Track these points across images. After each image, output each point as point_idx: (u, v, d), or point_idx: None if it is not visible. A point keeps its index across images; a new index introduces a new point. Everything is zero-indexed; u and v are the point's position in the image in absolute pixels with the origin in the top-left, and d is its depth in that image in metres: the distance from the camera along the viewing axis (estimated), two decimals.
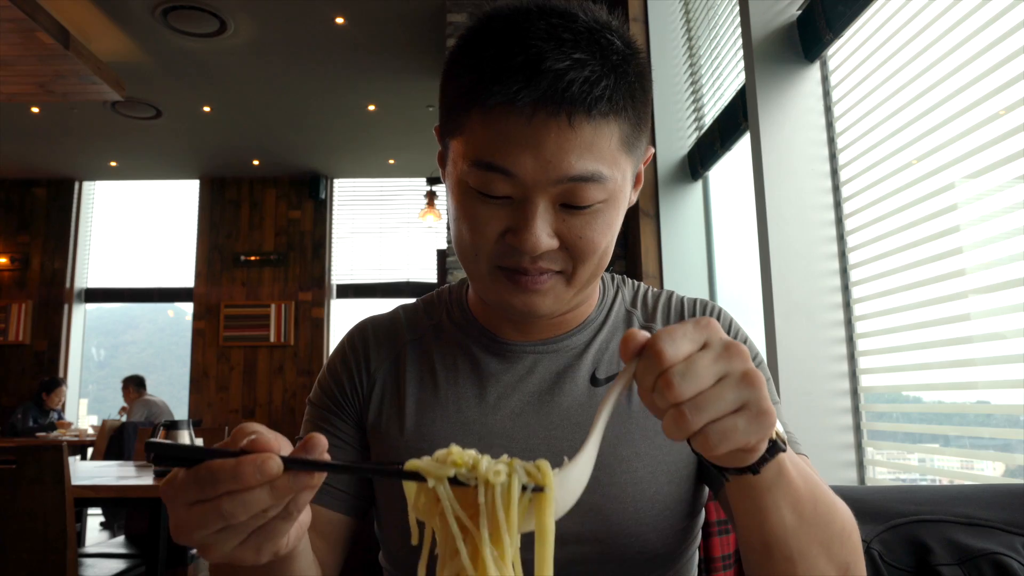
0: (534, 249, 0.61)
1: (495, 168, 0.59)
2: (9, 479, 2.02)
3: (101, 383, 14.28)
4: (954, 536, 0.86)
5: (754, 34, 1.92)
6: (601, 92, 0.58)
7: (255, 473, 0.43)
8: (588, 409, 0.72)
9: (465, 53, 0.62)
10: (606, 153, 0.60)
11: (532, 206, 0.61)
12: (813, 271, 1.79)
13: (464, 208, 0.64)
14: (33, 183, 7.42)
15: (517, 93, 0.57)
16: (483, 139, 0.60)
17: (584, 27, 0.60)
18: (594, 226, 0.63)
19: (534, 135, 0.58)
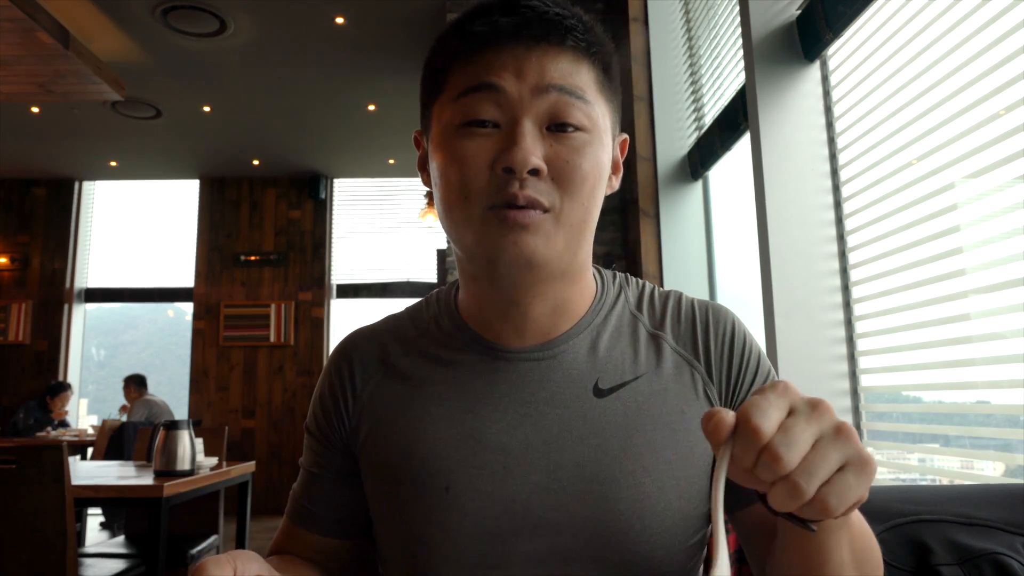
0: (524, 162, 0.60)
1: (481, 87, 0.62)
2: (9, 479, 2.02)
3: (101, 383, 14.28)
4: (954, 536, 0.86)
5: (754, 34, 1.92)
6: (574, 24, 0.63)
7: None
8: (591, 422, 0.67)
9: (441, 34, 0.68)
10: (585, 83, 0.63)
11: (519, 125, 0.61)
12: (813, 271, 1.79)
13: (452, 152, 0.64)
14: (33, 183, 7.42)
15: (497, 24, 0.62)
16: (467, 73, 0.63)
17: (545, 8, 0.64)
18: (581, 153, 0.63)
19: (517, 54, 0.62)
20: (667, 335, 0.72)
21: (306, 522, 0.78)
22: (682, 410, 0.68)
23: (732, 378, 0.71)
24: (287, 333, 7.12)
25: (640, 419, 0.68)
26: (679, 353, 0.71)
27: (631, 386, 0.69)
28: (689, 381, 0.70)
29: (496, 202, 0.62)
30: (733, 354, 0.72)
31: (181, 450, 2.58)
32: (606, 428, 0.67)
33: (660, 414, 0.68)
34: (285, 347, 7.11)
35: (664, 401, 0.68)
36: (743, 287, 2.64)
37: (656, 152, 3.07)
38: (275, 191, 7.45)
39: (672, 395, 0.69)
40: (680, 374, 0.70)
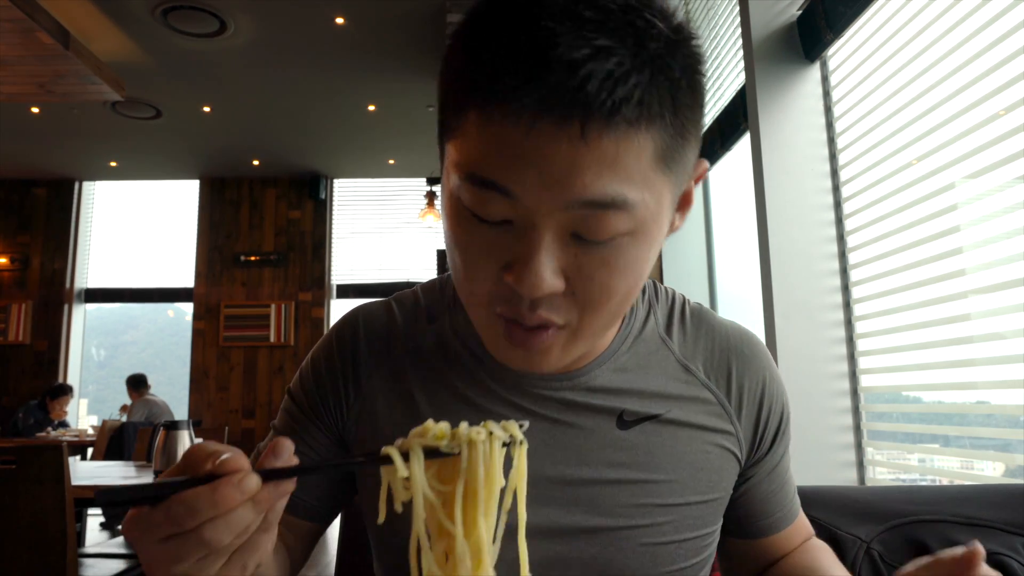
0: (533, 290, 0.49)
1: (490, 185, 0.47)
2: (9, 479, 2.02)
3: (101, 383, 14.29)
4: (954, 536, 0.86)
5: (754, 34, 1.92)
6: (628, 92, 0.45)
7: (236, 493, 0.42)
8: (612, 455, 0.62)
9: (464, 35, 0.50)
10: (634, 172, 0.47)
11: (536, 235, 0.48)
12: (813, 271, 1.79)
13: (457, 233, 0.52)
14: (33, 183, 7.42)
15: (516, 91, 0.45)
16: (477, 147, 0.48)
17: (616, 3, 0.46)
18: (612, 266, 0.50)
19: (537, 147, 0.45)
20: (698, 366, 0.67)
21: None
22: (707, 449, 0.65)
23: (760, 425, 0.68)
24: (287, 333, 7.12)
25: (663, 456, 0.63)
26: (709, 388, 0.67)
27: (657, 420, 0.64)
28: (717, 418, 0.66)
29: (503, 312, 0.53)
30: (764, 400, 0.68)
31: (181, 450, 2.58)
32: (627, 463, 0.63)
33: (685, 452, 0.64)
34: (285, 347, 7.11)
35: (690, 439, 0.64)
36: (743, 287, 2.64)
37: None
38: (275, 191, 7.45)
39: (698, 432, 0.65)
40: (709, 410, 0.66)
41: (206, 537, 0.42)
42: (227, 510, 0.42)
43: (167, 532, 0.42)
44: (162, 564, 0.43)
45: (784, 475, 0.73)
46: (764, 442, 0.68)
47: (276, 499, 0.43)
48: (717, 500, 0.65)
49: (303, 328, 7.16)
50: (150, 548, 0.43)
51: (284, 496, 0.44)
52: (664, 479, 0.63)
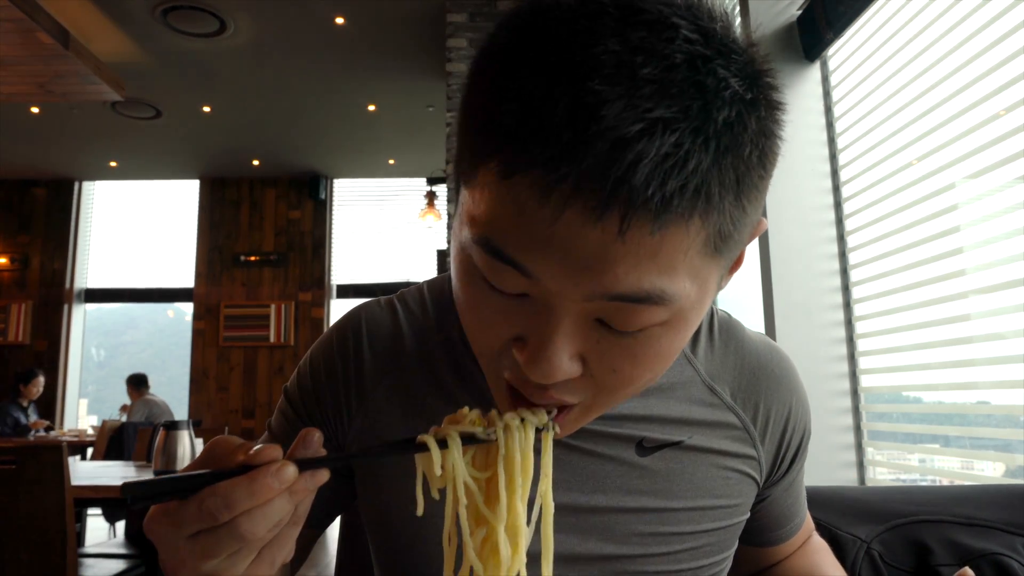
0: (545, 378, 0.43)
1: (507, 260, 0.41)
2: (9, 479, 2.02)
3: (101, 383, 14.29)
4: (954, 536, 0.86)
5: (754, 34, 1.91)
6: (683, 181, 0.36)
7: (275, 483, 0.40)
8: (629, 480, 0.59)
9: (494, 69, 0.41)
10: (678, 264, 0.39)
11: (554, 317, 0.42)
12: (813, 271, 1.79)
13: (466, 291, 0.46)
14: (33, 183, 7.42)
15: (547, 164, 0.37)
16: (495, 212, 0.40)
17: (683, 52, 0.37)
18: (639, 357, 0.44)
19: (565, 234, 0.38)
20: (725, 388, 0.63)
21: None
22: (727, 476, 0.62)
23: (783, 448, 0.66)
24: (287, 333, 7.12)
25: (683, 484, 0.60)
26: (735, 411, 0.63)
27: (678, 447, 0.61)
28: (740, 443, 0.63)
29: (510, 379, 0.48)
30: (788, 423, 0.66)
31: (181, 450, 2.58)
32: (645, 491, 0.60)
33: (705, 479, 0.61)
34: (285, 347, 7.11)
35: (711, 465, 0.61)
36: (743, 287, 2.64)
37: None
38: (275, 191, 7.45)
39: (720, 458, 0.62)
40: (732, 435, 0.63)
41: (241, 530, 0.40)
42: (265, 500, 0.40)
43: (199, 526, 0.40)
44: (189, 561, 0.41)
45: (799, 490, 0.72)
46: (784, 464, 0.67)
47: (311, 490, 0.42)
48: (734, 525, 0.64)
49: (303, 328, 7.16)
50: (178, 545, 0.41)
51: (317, 487, 0.43)
52: (683, 507, 0.60)
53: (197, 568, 0.41)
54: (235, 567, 0.42)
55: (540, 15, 0.41)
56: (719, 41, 0.39)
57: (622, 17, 0.38)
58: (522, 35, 0.41)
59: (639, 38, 0.37)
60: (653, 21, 0.38)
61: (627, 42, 0.37)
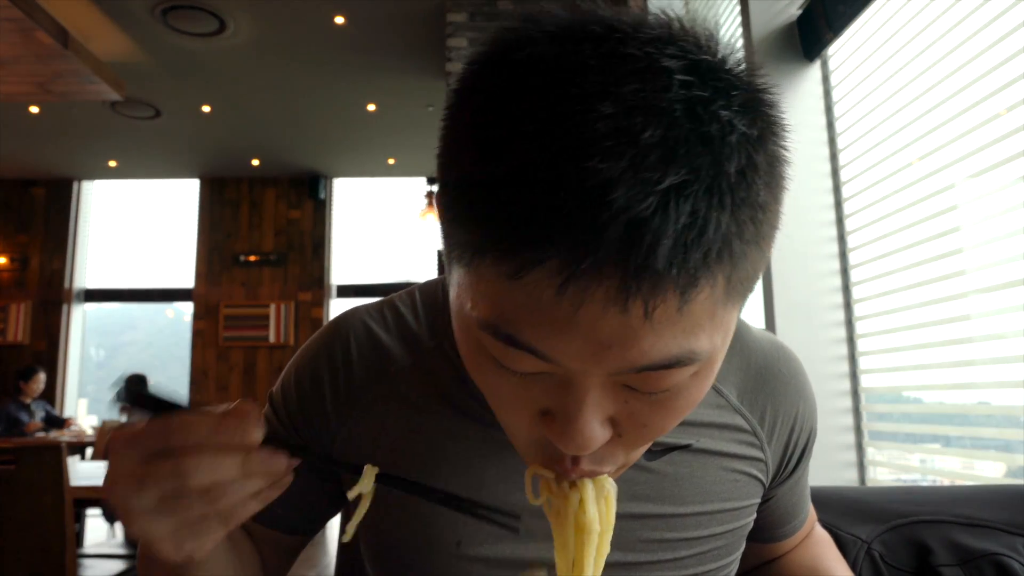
0: (580, 449, 0.41)
1: (521, 347, 0.38)
2: (9, 479, 2.02)
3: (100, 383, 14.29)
4: (955, 537, 0.86)
5: (754, 33, 1.91)
6: (706, 249, 0.34)
7: (236, 434, 0.41)
8: (635, 485, 0.58)
9: (476, 134, 0.37)
10: (703, 321, 0.38)
11: (579, 391, 0.39)
12: (813, 271, 1.79)
13: (478, 368, 0.43)
14: (32, 183, 7.42)
15: (560, 262, 0.34)
16: (500, 300, 0.37)
17: (681, 101, 0.34)
18: (669, 409, 0.42)
19: (586, 324, 0.36)
20: (731, 389, 0.62)
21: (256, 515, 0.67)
22: (735, 479, 0.61)
23: (789, 449, 0.65)
24: (287, 333, 7.12)
25: (690, 488, 0.59)
26: (742, 414, 0.62)
27: (686, 450, 0.59)
28: (747, 446, 0.62)
29: (544, 462, 0.46)
30: (796, 424, 0.65)
31: None
32: (652, 496, 0.58)
33: (713, 483, 0.60)
34: (285, 347, 7.11)
35: (719, 469, 0.60)
36: None
37: None
38: (275, 191, 7.45)
39: (727, 461, 0.61)
40: (740, 438, 0.62)
41: (184, 465, 0.40)
42: (219, 445, 0.41)
43: (153, 447, 0.41)
44: (127, 485, 0.41)
45: (804, 487, 0.71)
46: (789, 465, 0.66)
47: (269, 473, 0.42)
48: (741, 528, 0.63)
49: (303, 328, 7.16)
50: (126, 463, 0.42)
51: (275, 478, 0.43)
52: (690, 512, 0.59)
53: (129, 498, 0.41)
54: (158, 522, 0.41)
55: (517, 74, 0.37)
56: (714, 75, 0.36)
57: (607, 68, 0.35)
58: (503, 102, 0.36)
59: (632, 93, 0.34)
60: (643, 69, 0.35)
61: (621, 101, 0.33)
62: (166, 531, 0.42)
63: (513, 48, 0.38)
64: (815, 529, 0.77)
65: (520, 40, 0.38)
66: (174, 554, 0.42)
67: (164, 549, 0.42)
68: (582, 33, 0.36)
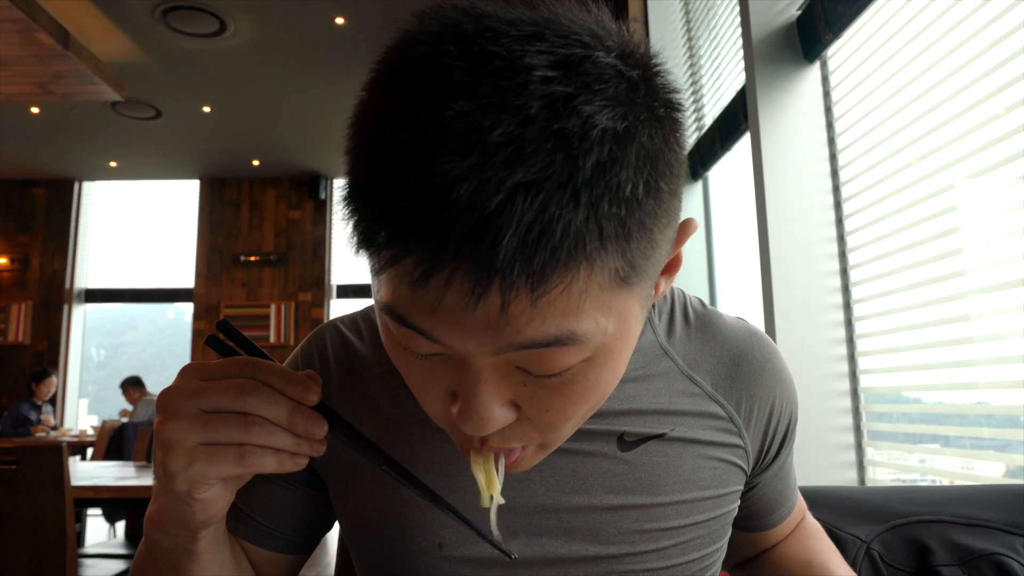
0: (479, 430, 0.42)
1: (411, 327, 0.40)
2: (9, 479, 2.02)
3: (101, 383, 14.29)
4: (954, 536, 0.86)
5: (754, 34, 1.92)
6: (557, 243, 0.34)
7: (298, 386, 0.45)
8: (612, 478, 0.58)
9: (354, 141, 0.40)
10: (581, 305, 0.38)
11: (473, 373, 0.40)
12: (813, 271, 1.79)
13: (392, 353, 0.45)
14: (32, 183, 7.42)
15: (416, 259, 0.36)
16: (388, 287, 0.40)
17: (540, 98, 0.34)
18: (569, 395, 0.42)
19: (453, 312, 0.37)
20: (705, 377, 0.62)
21: (250, 534, 0.64)
22: (714, 466, 0.61)
23: (769, 435, 0.65)
24: (287, 333, 7.12)
25: (668, 477, 0.59)
26: (717, 401, 0.62)
27: (661, 439, 0.59)
28: (725, 433, 0.62)
29: (458, 440, 0.48)
30: (774, 409, 0.64)
31: None
32: (630, 487, 0.58)
33: (691, 471, 0.60)
34: (285, 347, 7.11)
35: (696, 456, 0.60)
36: (743, 287, 2.64)
37: None
38: (275, 191, 7.45)
39: (705, 448, 0.60)
40: (716, 425, 0.61)
41: (245, 388, 0.44)
42: (282, 389, 0.45)
43: (227, 371, 0.45)
44: (183, 392, 0.44)
45: (788, 473, 0.71)
46: (771, 451, 0.66)
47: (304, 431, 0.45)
48: (724, 515, 0.63)
49: (303, 328, 7.17)
50: (192, 376, 0.46)
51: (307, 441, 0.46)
52: (669, 501, 0.59)
53: (182, 437, 0.44)
54: (196, 425, 0.44)
55: (392, 79, 0.38)
56: (583, 69, 0.35)
57: (472, 68, 0.35)
58: (375, 107, 0.39)
59: (489, 91, 0.34)
60: (503, 68, 0.35)
61: (476, 100, 0.34)
62: (189, 442, 0.44)
63: (395, 50, 0.40)
64: (806, 519, 0.77)
65: (403, 41, 0.40)
66: (178, 474, 0.44)
67: (173, 463, 0.44)
68: (454, 33, 0.37)
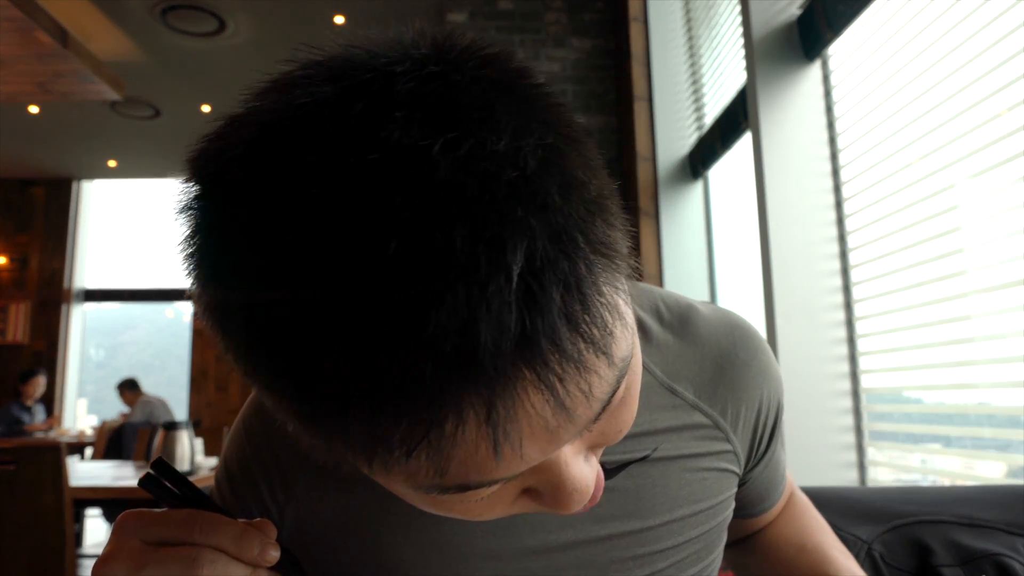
0: (583, 503, 0.39)
1: (483, 485, 0.35)
2: (8, 480, 2.02)
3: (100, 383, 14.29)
4: (955, 537, 0.86)
5: (755, 33, 1.91)
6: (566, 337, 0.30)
7: (255, 546, 0.42)
8: (596, 507, 0.54)
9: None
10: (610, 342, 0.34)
11: (556, 467, 0.37)
12: (814, 271, 1.79)
13: (447, 509, 0.40)
14: (31, 183, 7.42)
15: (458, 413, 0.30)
16: (455, 467, 0.34)
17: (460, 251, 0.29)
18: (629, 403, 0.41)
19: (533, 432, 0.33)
20: (686, 386, 0.58)
21: None
22: (703, 477, 0.58)
23: (757, 433, 0.62)
24: None
25: (656, 498, 0.56)
26: (700, 409, 0.58)
27: (644, 461, 0.56)
28: (711, 441, 0.59)
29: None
30: (761, 407, 0.61)
31: (180, 450, 2.58)
32: (617, 515, 0.55)
33: (680, 487, 0.57)
34: None
35: (684, 471, 0.57)
36: (743, 287, 2.64)
37: (656, 152, 3.07)
38: None
39: (692, 460, 0.58)
40: (702, 434, 0.58)
41: (201, 557, 0.41)
42: (236, 555, 0.42)
43: (172, 535, 0.41)
44: (128, 563, 0.41)
45: (779, 460, 0.68)
46: (761, 446, 0.64)
47: None
48: (719, 524, 0.60)
49: None
50: (132, 542, 0.42)
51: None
52: (659, 523, 0.56)
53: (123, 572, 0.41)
54: None
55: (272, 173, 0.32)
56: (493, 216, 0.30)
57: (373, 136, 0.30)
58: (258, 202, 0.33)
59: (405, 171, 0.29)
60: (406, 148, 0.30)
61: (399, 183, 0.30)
62: None
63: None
64: (795, 495, 0.74)
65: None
66: None
67: None
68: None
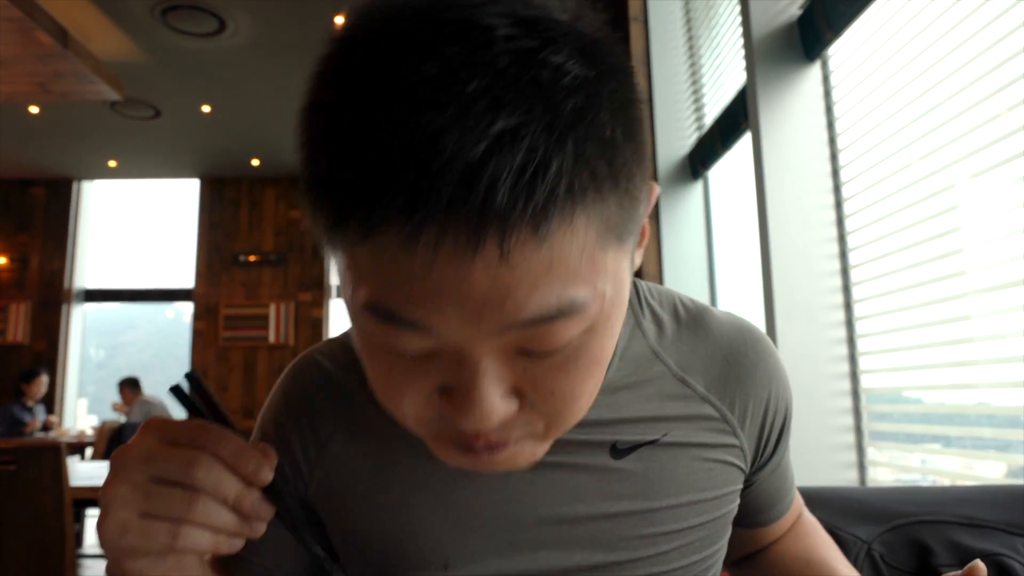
0: (483, 426, 0.40)
1: (401, 322, 0.38)
2: (8, 480, 2.02)
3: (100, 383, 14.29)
4: (955, 537, 0.86)
5: (755, 33, 1.91)
6: (553, 184, 0.34)
7: (251, 463, 0.44)
8: (607, 485, 0.57)
9: (316, 127, 0.38)
10: (578, 266, 0.37)
11: (471, 363, 0.39)
12: (814, 271, 1.79)
13: (373, 361, 0.43)
14: (31, 183, 7.42)
15: (401, 213, 0.34)
16: (371, 273, 0.38)
17: (507, 53, 0.34)
18: (574, 371, 0.41)
19: (447, 278, 0.35)
20: (698, 379, 0.61)
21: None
22: (710, 467, 0.60)
23: (764, 432, 0.64)
24: (287, 334, 7.11)
25: (664, 482, 0.58)
26: (710, 402, 0.61)
27: (654, 445, 0.59)
28: (719, 434, 0.61)
29: (449, 437, 0.45)
30: (769, 407, 0.64)
31: None
32: (626, 494, 0.58)
33: (687, 474, 0.59)
34: (285, 347, 7.11)
35: (691, 459, 0.60)
36: (743, 287, 2.64)
37: (656, 152, 3.07)
38: (275, 191, 7.45)
39: (700, 450, 0.60)
40: (710, 426, 0.61)
41: (196, 460, 0.43)
42: (233, 466, 0.44)
43: (179, 436, 0.44)
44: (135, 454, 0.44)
45: (786, 468, 0.71)
46: (768, 448, 0.66)
47: (246, 514, 0.45)
48: (723, 516, 0.63)
49: (303, 329, 7.16)
50: (147, 441, 0.45)
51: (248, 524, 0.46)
52: (666, 505, 0.58)
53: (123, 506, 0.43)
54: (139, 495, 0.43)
55: (350, 55, 0.37)
56: (543, 26, 0.36)
57: (433, 33, 0.35)
58: (337, 87, 0.37)
59: (455, 52, 0.34)
60: (463, 31, 0.35)
61: (444, 62, 0.34)
62: (126, 512, 0.43)
63: (348, 30, 0.39)
64: (803, 515, 0.76)
65: (352, 26, 0.39)
66: (109, 542, 0.44)
67: (106, 530, 0.44)
68: (407, 8, 0.37)
